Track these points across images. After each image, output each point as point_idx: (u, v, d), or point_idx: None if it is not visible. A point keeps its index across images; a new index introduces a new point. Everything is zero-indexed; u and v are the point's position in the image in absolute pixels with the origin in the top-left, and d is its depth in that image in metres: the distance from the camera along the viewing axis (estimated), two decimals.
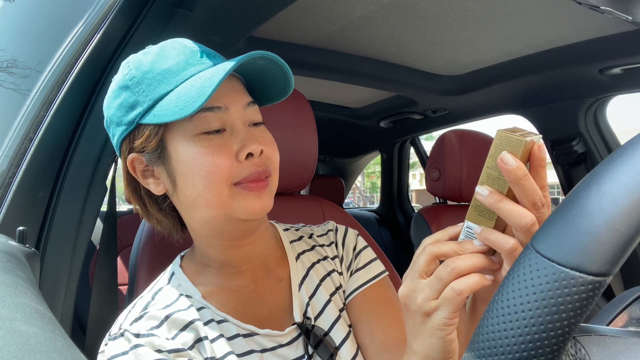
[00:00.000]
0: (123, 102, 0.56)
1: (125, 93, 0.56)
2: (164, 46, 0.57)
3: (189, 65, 0.55)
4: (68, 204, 0.69)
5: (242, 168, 0.54)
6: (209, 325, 0.56)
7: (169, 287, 0.60)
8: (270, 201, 0.57)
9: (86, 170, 0.72)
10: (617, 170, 0.28)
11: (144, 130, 0.55)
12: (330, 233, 0.73)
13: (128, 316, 0.55)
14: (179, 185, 0.56)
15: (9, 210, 0.62)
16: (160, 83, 0.54)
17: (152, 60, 0.55)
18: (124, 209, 2.30)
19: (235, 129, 0.55)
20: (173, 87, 0.54)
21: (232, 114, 0.55)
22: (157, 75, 0.54)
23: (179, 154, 0.54)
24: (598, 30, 1.21)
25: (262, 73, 0.58)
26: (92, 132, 0.73)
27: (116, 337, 0.52)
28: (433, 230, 1.54)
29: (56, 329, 0.28)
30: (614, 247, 0.26)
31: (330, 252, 0.71)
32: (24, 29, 0.90)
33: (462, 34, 1.27)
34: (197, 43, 0.58)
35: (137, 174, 0.58)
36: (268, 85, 0.60)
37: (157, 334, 0.52)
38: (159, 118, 0.53)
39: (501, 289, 0.30)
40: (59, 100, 0.68)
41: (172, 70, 0.54)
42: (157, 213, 0.62)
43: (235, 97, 0.56)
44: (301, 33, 1.28)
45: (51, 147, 0.68)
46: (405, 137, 2.44)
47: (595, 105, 1.59)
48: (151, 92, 0.54)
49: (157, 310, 0.55)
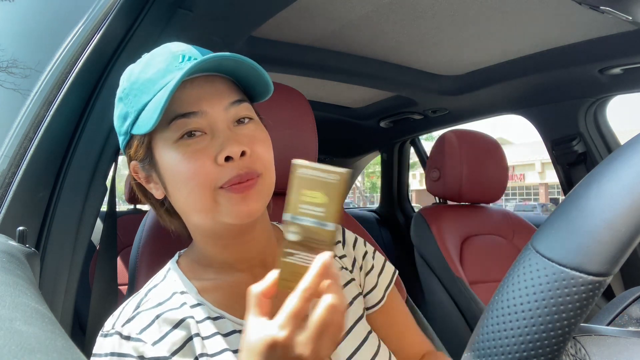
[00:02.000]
0: (119, 113, 0.58)
1: (120, 104, 0.58)
2: (153, 54, 0.57)
3: (167, 73, 0.54)
4: (68, 204, 0.69)
5: (223, 171, 0.53)
6: (203, 323, 0.56)
7: (164, 283, 0.61)
8: (258, 203, 0.55)
9: (86, 170, 0.72)
10: (617, 170, 0.28)
11: (134, 140, 0.57)
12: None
13: (121, 315, 0.56)
14: (169, 191, 0.57)
15: (9, 210, 0.62)
16: (142, 93, 0.55)
17: (139, 70, 0.56)
18: (124, 209, 2.30)
19: (216, 132, 0.54)
20: (152, 96, 0.54)
21: (211, 116, 0.54)
22: (140, 86, 0.55)
23: (163, 162, 0.55)
24: (598, 30, 1.21)
25: (240, 73, 0.57)
26: (92, 132, 0.73)
27: (107, 336, 0.54)
28: (433, 230, 1.54)
29: (56, 329, 0.28)
30: (614, 247, 0.26)
31: (338, 252, 0.71)
32: (24, 29, 0.90)
33: (462, 34, 1.27)
34: (184, 45, 0.58)
35: (141, 179, 0.60)
36: (252, 83, 0.59)
37: (144, 339, 0.53)
38: (139, 129, 0.54)
39: (501, 289, 0.30)
40: (59, 100, 0.68)
41: (152, 80, 0.55)
42: (165, 214, 0.64)
43: (214, 100, 0.55)
44: (301, 33, 1.28)
45: (51, 147, 0.68)
46: (405, 137, 2.44)
47: (595, 105, 1.59)
48: (136, 102, 0.55)
49: (149, 309, 0.56)
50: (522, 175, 25.35)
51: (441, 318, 1.50)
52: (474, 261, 1.54)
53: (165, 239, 0.81)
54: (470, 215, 1.65)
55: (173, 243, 0.82)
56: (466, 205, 1.69)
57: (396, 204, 2.65)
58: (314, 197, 0.40)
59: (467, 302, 1.41)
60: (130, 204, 2.22)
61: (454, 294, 1.44)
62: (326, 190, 0.41)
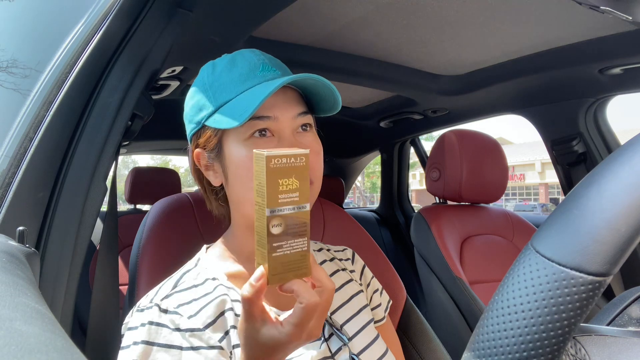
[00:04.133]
0: (195, 103, 0.64)
1: (198, 96, 0.64)
2: (235, 55, 0.64)
3: (248, 78, 0.61)
4: (68, 204, 0.69)
5: None
6: (236, 303, 0.61)
7: (196, 269, 0.65)
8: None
9: (86, 170, 0.72)
10: (617, 170, 0.28)
11: (207, 130, 0.63)
12: (347, 251, 0.83)
13: (159, 292, 0.61)
14: (230, 182, 0.63)
15: (9, 210, 0.62)
16: (223, 91, 0.61)
17: (221, 69, 0.63)
18: (124, 209, 2.30)
19: (283, 137, 0.61)
20: (233, 96, 0.61)
21: (280, 123, 0.61)
22: (222, 84, 0.62)
23: (231, 155, 0.61)
24: (598, 30, 1.21)
25: (313, 89, 0.63)
26: (92, 132, 0.73)
27: (145, 309, 0.58)
28: (433, 230, 1.54)
29: (56, 329, 0.28)
30: (614, 247, 0.26)
31: (349, 266, 0.79)
32: (24, 29, 0.90)
33: (462, 34, 1.27)
34: (264, 54, 0.65)
35: (201, 166, 0.66)
36: (321, 99, 0.65)
37: (180, 313, 0.57)
38: (217, 124, 0.60)
39: (501, 288, 0.30)
40: (59, 100, 0.68)
41: (234, 81, 0.61)
42: (215, 201, 0.70)
43: (286, 108, 0.61)
44: (301, 33, 1.28)
45: (51, 147, 0.68)
46: (405, 137, 2.44)
47: (595, 105, 1.59)
48: (216, 98, 0.62)
49: (185, 289, 0.61)
50: (522, 175, 25.35)
51: (441, 318, 1.50)
52: (474, 261, 1.53)
53: (165, 239, 0.81)
54: (470, 215, 1.65)
55: (173, 243, 0.82)
56: (466, 205, 1.69)
57: (396, 204, 2.65)
58: (289, 184, 0.41)
59: (467, 302, 1.41)
60: (130, 204, 2.22)
61: (454, 294, 1.44)
62: (297, 174, 0.41)
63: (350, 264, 0.80)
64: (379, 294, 0.81)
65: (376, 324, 0.77)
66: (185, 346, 0.56)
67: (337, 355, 0.63)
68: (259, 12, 0.98)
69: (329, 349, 0.63)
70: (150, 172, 2.21)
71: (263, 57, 0.64)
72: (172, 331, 0.56)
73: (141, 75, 0.76)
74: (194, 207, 0.87)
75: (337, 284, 0.73)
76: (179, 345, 0.56)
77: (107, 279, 0.83)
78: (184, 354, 0.55)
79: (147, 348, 0.55)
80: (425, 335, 0.94)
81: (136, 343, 0.55)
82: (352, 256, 0.82)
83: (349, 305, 0.72)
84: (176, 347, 0.56)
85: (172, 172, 2.28)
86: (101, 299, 0.81)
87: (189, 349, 0.56)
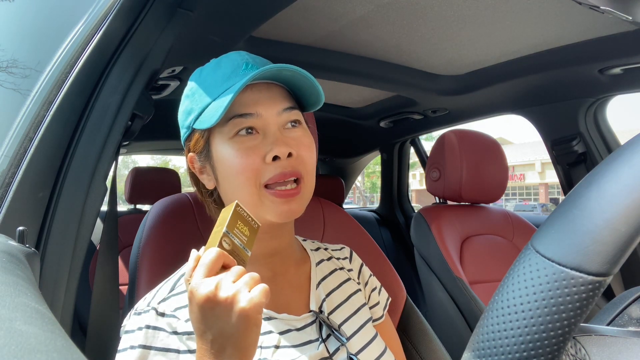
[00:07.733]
0: (184, 109, 0.65)
1: (187, 101, 0.65)
2: (222, 58, 0.65)
3: (231, 77, 0.61)
4: (68, 204, 0.69)
5: (268, 169, 0.59)
6: None
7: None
8: (300, 206, 0.62)
9: (86, 170, 0.72)
10: (617, 170, 0.28)
11: (195, 133, 0.64)
12: (344, 250, 0.83)
13: (156, 295, 0.60)
14: (220, 182, 0.63)
15: (9, 210, 0.62)
16: (207, 93, 0.62)
17: (207, 72, 0.64)
18: (124, 209, 2.30)
19: (268, 133, 0.60)
20: (215, 97, 0.61)
21: (265, 119, 0.60)
22: (206, 86, 0.62)
23: (218, 155, 0.62)
24: (598, 30, 1.21)
25: (296, 83, 0.63)
26: (92, 132, 0.73)
27: (142, 312, 0.58)
28: (433, 230, 1.54)
29: (56, 329, 0.28)
30: (614, 247, 0.26)
31: (347, 265, 0.79)
32: (24, 29, 0.90)
33: (462, 34, 1.27)
34: (249, 55, 0.65)
35: (195, 170, 0.67)
36: (304, 93, 0.65)
37: (178, 316, 0.57)
38: (201, 124, 0.61)
39: (501, 288, 0.30)
40: (59, 100, 0.68)
41: (217, 82, 0.62)
42: (211, 204, 0.70)
43: (270, 104, 0.61)
44: (301, 33, 1.28)
45: (51, 147, 0.68)
46: (405, 137, 2.44)
47: (595, 105, 1.59)
48: (200, 101, 0.62)
49: (183, 292, 0.61)
50: (522, 175, 25.34)
51: (441, 318, 1.50)
52: (474, 261, 1.53)
53: (165, 239, 0.81)
54: (470, 215, 1.65)
55: (173, 243, 0.82)
56: (466, 205, 1.69)
57: (396, 204, 2.65)
58: (243, 229, 0.53)
59: (467, 302, 1.41)
60: (130, 204, 2.22)
61: (454, 294, 1.44)
62: (250, 229, 0.54)
63: (348, 262, 0.80)
64: (377, 292, 0.81)
65: (375, 322, 0.77)
66: (182, 349, 0.56)
67: (335, 355, 0.63)
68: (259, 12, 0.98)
69: (326, 349, 0.63)
70: (150, 172, 2.21)
71: (247, 57, 0.64)
72: (169, 334, 0.56)
73: (141, 75, 0.76)
74: (194, 207, 0.87)
75: (335, 283, 0.73)
76: (176, 348, 0.56)
77: (107, 279, 0.83)
78: (181, 357, 0.55)
79: (144, 352, 0.55)
80: (426, 335, 0.94)
81: (133, 347, 0.55)
82: (349, 255, 0.82)
83: (347, 304, 0.72)
84: (173, 350, 0.56)
85: (172, 172, 2.28)
86: (101, 299, 0.81)
87: (186, 352, 0.56)
